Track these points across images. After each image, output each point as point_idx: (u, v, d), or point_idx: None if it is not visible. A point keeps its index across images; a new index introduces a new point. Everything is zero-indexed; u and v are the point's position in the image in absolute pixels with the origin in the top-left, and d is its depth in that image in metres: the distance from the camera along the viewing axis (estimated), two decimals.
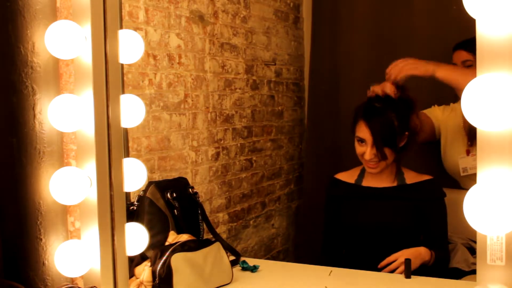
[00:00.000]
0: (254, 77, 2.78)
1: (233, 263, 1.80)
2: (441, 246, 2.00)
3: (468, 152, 2.30)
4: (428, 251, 1.92)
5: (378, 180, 2.09)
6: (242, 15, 2.67)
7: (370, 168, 2.05)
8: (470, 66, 2.27)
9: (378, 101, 2.02)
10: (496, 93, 1.09)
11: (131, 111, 1.58)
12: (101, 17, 1.46)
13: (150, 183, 1.80)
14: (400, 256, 1.89)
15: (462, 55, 2.30)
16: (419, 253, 1.90)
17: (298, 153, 3.29)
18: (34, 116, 1.54)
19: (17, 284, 1.48)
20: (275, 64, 3.00)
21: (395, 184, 2.06)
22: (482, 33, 1.15)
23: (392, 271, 1.87)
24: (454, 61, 2.34)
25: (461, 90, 1.12)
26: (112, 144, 1.48)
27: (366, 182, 2.12)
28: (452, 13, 2.50)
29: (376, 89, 2.04)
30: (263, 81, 2.87)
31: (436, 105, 2.46)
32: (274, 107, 2.99)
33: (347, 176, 2.18)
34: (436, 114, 2.43)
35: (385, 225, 2.02)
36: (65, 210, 1.63)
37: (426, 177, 2.07)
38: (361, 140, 2.03)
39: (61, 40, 1.41)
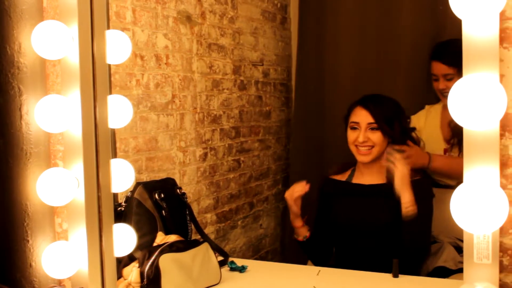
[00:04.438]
0: (241, 78, 2.78)
1: (221, 264, 1.80)
2: (420, 243, 1.98)
3: (445, 151, 2.32)
4: (413, 201, 1.93)
5: (368, 177, 2.09)
6: (229, 16, 2.67)
7: (362, 156, 2.04)
8: (451, 80, 2.27)
9: None
10: (481, 93, 1.10)
11: (119, 111, 1.57)
12: (88, 18, 1.45)
13: (137, 184, 1.79)
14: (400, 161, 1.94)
15: (441, 68, 2.29)
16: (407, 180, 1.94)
17: (286, 154, 3.29)
18: (21, 117, 1.53)
19: (4, 286, 1.47)
20: (262, 65, 3.00)
21: (384, 181, 2.07)
22: (468, 33, 1.16)
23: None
24: (434, 72, 2.32)
25: None
26: (100, 145, 1.48)
27: (356, 179, 2.13)
28: (439, 13, 2.52)
29: None
30: (250, 82, 2.87)
31: (411, 116, 2.46)
32: (261, 107, 2.99)
33: (339, 176, 2.19)
34: (413, 123, 2.44)
35: (369, 222, 2.02)
36: (52, 212, 1.62)
37: (416, 177, 2.05)
38: (354, 127, 2.04)
39: (47, 40, 1.40)
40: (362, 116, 2.03)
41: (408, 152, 2.05)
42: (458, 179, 1.16)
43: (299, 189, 2.04)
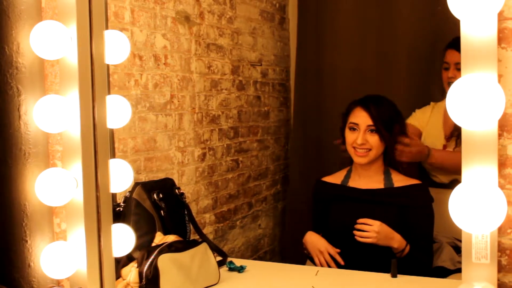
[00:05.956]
0: (240, 78, 2.78)
1: (220, 264, 1.80)
2: (424, 250, 1.98)
3: (444, 147, 2.33)
4: (403, 241, 1.92)
5: (365, 180, 2.07)
6: (228, 16, 2.67)
7: (359, 157, 2.02)
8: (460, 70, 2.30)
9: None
10: (480, 93, 1.10)
11: (117, 112, 1.57)
12: (87, 18, 1.45)
13: (136, 184, 1.79)
14: (374, 224, 1.90)
15: (454, 56, 2.30)
16: (392, 236, 1.91)
17: (284, 154, 3.29)
18: (19, 117, 1.53)
19: (3, 286, 1.47)
20: (261, 65, 3.00)
21: (382, 186, 2.05)
22: (466, 33, 1.16)
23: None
24: (447, 60, 2.33)
25: None
26: (98, 145, 1.48)
27: (353, 183, 2.10)
28: (437, 13, 2.52)
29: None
30: (249, 82, 2.87)
31: (416, 109, 2.48)
32: (260, 107, 2.99)
33: (333, 178, 2.15)
34: (418, 117, 2.45)
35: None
36: (51, 212, 1.62)
37: (414, 181, 2.04)
38: (353, 128, 2.02)
39: (46, 40, 1.40)
40: (362, 118, 2.01)
41: (409, 143, 2.10)
42: (456, 173, 1.16)
43: (328, 258, 2.00)
